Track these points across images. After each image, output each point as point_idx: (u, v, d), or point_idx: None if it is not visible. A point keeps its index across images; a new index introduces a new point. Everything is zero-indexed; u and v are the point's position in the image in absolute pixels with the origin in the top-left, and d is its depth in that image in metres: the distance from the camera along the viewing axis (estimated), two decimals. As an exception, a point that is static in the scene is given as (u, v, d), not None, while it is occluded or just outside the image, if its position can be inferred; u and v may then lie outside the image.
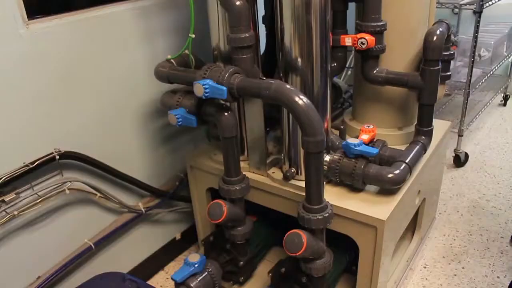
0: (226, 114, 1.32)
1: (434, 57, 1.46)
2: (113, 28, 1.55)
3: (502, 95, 3.45)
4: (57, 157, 1.43)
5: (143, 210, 1.76)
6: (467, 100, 2.51)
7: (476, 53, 2.66)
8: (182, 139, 1.90)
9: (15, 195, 1.36)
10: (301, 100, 1.16)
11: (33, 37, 1.35)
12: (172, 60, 1.46)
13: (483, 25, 2.46)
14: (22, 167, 1.36)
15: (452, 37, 1.68)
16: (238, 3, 1.26)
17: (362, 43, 1.44)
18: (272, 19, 1.58)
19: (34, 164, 1.38)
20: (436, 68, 1.47)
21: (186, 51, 1.45)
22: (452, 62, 1.75)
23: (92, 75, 1.52)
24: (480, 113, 2.96)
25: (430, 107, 1.55)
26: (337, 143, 1.54)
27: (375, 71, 1.53)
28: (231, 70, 1.26)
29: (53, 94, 1.42)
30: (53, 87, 1.41)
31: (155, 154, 1.81)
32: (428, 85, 1.49)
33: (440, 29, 1.48)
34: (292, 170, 1.49)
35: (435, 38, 1.46)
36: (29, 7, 1.33)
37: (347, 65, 1.82)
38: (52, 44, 1.39)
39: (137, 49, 1.63)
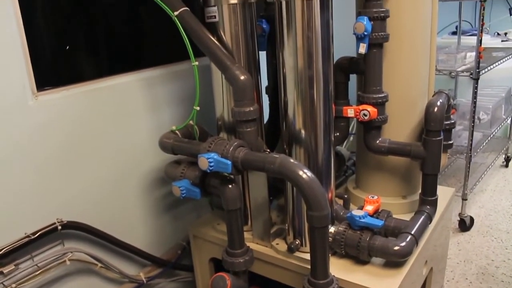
0: (230, 186, 1.32)
1: (436, 128, 1.48)
2: (119, 99, 1.58)
3: (504, 156, 3.47)
4: (59, 227, 1.42)
5: (144, 280, 1.72)
6: (469, 164, 2.52)
7: (476, 117, 2.70)
8: (185, 207, 1.89)
9: (14, 267, 1.34)
10: (306, 174, 1.16)
11: (40, 108, 1.37)
12: (176, 131, 1.48)
13: (480, 88, 2.52)
14: (23, 238, 1.35)
15: (451, 101, 1.72)
16: (242, 77, 1.29)
17: (365, 115, 1.47)
18: (275, 90, 1.62)
19: (36, 235, 1.37)
20: (438, 138, 1.48)
21: (191, 122, 1.47)
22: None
23: (97, 145, 1.54)
24: (483, 176, 2.96)
25: (433, 176, 1.55)
26: (341, 213, 1.53)
27: (377, 141, 1.55)
28: (236, 143, 1.27)
29: (58, 164, 1.43)
30: (57, 157, 1.43)
31: (157, 222, 1.80)
32: (430, 155, 1.50)
33: (440, 100, 1.51)
34: (297, 242, 1.47)
35: (436, 109, 1.48)
36: (39, 79, 1.37)
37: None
38: (59, 115, 1.42)
39: (142, 118, 1.66)
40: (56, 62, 1.46)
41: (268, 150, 1.38)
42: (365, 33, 1.38)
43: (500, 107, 3.06)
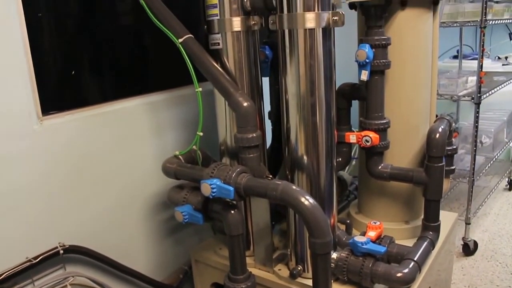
0: (232, 212, 1.32)
1: (438, 154, 1.48)
2: (123, 123, 1.60)
3: (507, 179, 3.46)
4: (61, 251, 1.42)
5: (145, 305, 1.71)
6: (472, 188, 2.52)
7: (478, 140, 2.71)
8: (187, 231, 1.89)
9: (15, 291, 1.34)
10: (308, 201, 1.16)
11: (45, 133, 1.39)
12: (179, 156, 1.49)
13: (482, 112, 2.53)
14: (25, 262, 1.35)
15: (453, 125, 1.72)
16: (245, 104, 1.31)
17: (367, 141, 1.48)
18: (278, 115, 1.63)
19: (37, 260, 1.37)
20: (440, 164, 1.49)
21: (194, 147, 1.48)
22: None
23: (101, 169, 1.55)
24: (486, 199, 2.94)
25: (436, 202, 1.55)
26: (343, 239, 1.52)
27: (380, 167, 1.55)
28: (238, 169, 1.28)
29: (61, 188, 1.44)
30: (61, 181, 1.43)
31: (159, 246, 1.79)
32: (433, 181, 1.50)
33: (442, 126, 1.52)
34: (299, 268, 1.46)
35: (437, 135, 1.49)
36: (44, 103, 1.39)
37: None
38: (63, 139, 1.43)
39: (146, 142, 1.67)
40: (62, 86, 1.48)
41: (271, 176, 1.38)
42: (367, 60, 1.40)
43: (502, 131, 3.06)
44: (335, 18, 1.23)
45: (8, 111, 1.29)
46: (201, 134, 1.41)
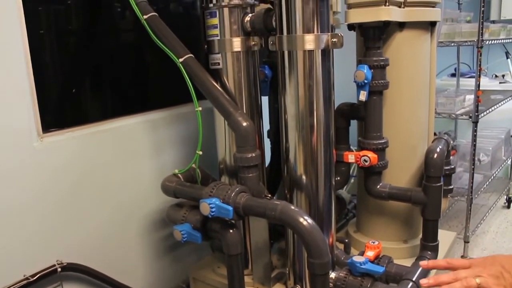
0: (231, 231, 1.33)
1: (436, 174, 1.49)
2: (123, 141, 1.60)
3: (505, 197, 3.46)
4: (59, 269, 1.41)
5: (142, 323, 1.70)
6: (470, 206, 2.52)
7: (476, 158, 2.72)
8: (185, 249, 1.88)
9: (11, 310, 1.33)
10: (306, 221, 1.17)
11: (45, 150, 1.39)
12: (179, 175, 1.49)
13: (480, 130, 2.55)
14: (22, 280, 1.34)
15: (451, 142, 1.73)
16: (245, 124, 1.32)
17: (365, 161, 1.49)
18: (277, 134, 1.64)
19: (35, 277, 1.36)
20: (438, 184, 1.50)
21: (193, 165, 1.49)
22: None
23: (100, 187, 1.55)
24: (484, 217, 2.95)
25: (434, 222, 1.55)
26: (342, 258, 1.52)
27: (378, 186, 1.56)
28: (237, 189, 1.28)
29: (60, 205, 1.43)
30: (60, 198, 1.43)
31: (158, 264, 1.78)
32: (431, 201, 1.50)
33: (440, 146, 1.54)
34: (297, 287, 1.46)
35: (435, 155, 1.50)
36: (44, 120, 1.40)
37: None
38: (63, 157, 1.43)
39: (145, 160, 1.68)
40: (62, 104, 1.49)
41: (269, 195, 1.39)
42: (366, 81, 1.41)
43: (500, 149, 3.07)
44: (334, 40, 1.25)
45: (9, 128, 1.30)
46: (201, 153, 1.42)
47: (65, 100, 1.50)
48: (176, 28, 1.43)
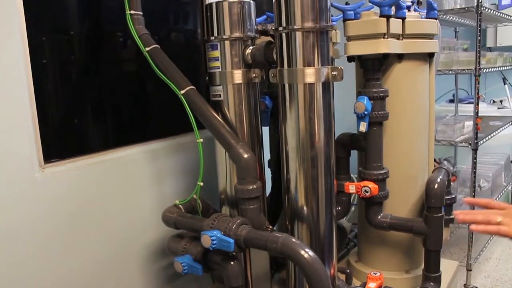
0: (232, 263, 1.32)
1: (437, 204, 1.49)
2: (124, 171, 1.60)
3: (507, 223, 3.44)
4: (56, 301, 1.40)
5: None
6: (472, 233, 2.51)
7: (476, 185, 2.72)
8: (185, 279, 1.86)
9: None
10: (307, 254, 1.16)
11: (46, 181, 1.39)
12: (180, 205, 1.49)
13: (479, 156, 2.55)
14: (18, 310, 1.32)
15: (451, 168, 1.73)
16: (246, 156, 1.32)
17: (366, 191, 1.49)
18: (277, 164, 1.65)
19: (31, 310, 1.35)
20: (440, 215, 1.50)
21: (194, 196, 1.48)
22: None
23: (100, 216, 1.54)
24: (487, 244, 2.93)
25: (436, 252, 1.54)
26: (344, 290, 1.51)
27: (379, 217, 1.56)
28: (239, 221, 1.28)
29: (59, 236, 1.42)
30: (60, 229, 1.42)
31: (157, 294, 1.77)
32: (432, 231, 1.50)
33: (440, 176, 1.54)
34: (299, 321, 1.44)
35: (436, 186, 1.50)
36: (46, 151, 1.40)
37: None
38: (64, 187, 1.43)
39: (146, 190, 1.67)
40: (64, 134, 1.49)
41: (270, 227, 1.39)
42: (365, 112, 1.43)
43: (500, 175, 3.08)
44: (334, 73, 1.27)
45: (10, 158, 1.29)
46: (202, 184, 1.42)
47: (66, 130, 1.50)
48: (178, 57, 1.45)
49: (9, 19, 1.27)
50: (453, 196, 1.72)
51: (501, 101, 3.90)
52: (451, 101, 3.61)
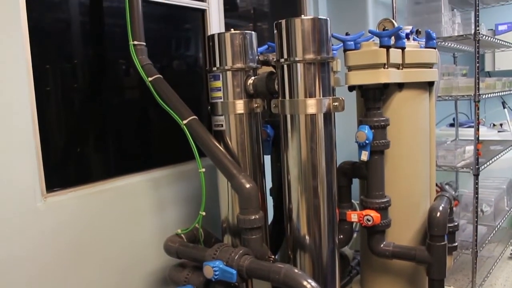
0: (234, 294, 1.31)
1: (440, 233, 1.48)
2: (125, 199, 1.60)
3: (511, 248, 3.41)
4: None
5: None
6: (476, 259, 2.48)
7: (479, 209, 2.70)
8: (186, 308, 1.84)
9: None
10: (310, 285, 1.16)
11: (48, 210, 1.39)
12: (182, 235, 1.49)
13: (481, 180, 2.54)
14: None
15: (453, 192, 1.73)
16: (248, 186, 1.33)
17: (368, 220, 1.48)
18: (279, 191, 1.65)
19: None
20: (443, 243, 1.49)
21: (197, 225, 1.48)
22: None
23: (101, 245, 1.54)
24: (491, 270, 2.89)
25: (440, 281, 1.53)
26: (347, 320, 1.49)
27: (382, 245, 1.55)
28: (241, 251, 1.28)
29: (60, 265, 1.42)
30: (62, 257, 1.42)
31: (158, 324, 1.74)
32: (436, 260, 1.49)
33: (442, 205, 1.54)
34: None
35: (438, 214, 1.50)
36: (48, 180, 1.40)
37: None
38: (65, 216, 1.43)
39: (148, 218, 1.67)
40: (66, 163, 1.50)
41: (273, 257, 1.38)
42: (367, 141, 1.43)
43: (502, 199, 3.06)
44: (335, 103, 1.28)
45: (13, 188, 1.30)
46: (204, 213, 1.42)
47: (69, 160, 1.51)
48: (180, 86, 1.47)
49: (14, 49, 1.29)
50: (456, 223, 1.71)
51: (501, 125, 3.90)
52: (452, 125, 3.62)
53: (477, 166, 2.39)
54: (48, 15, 1.45)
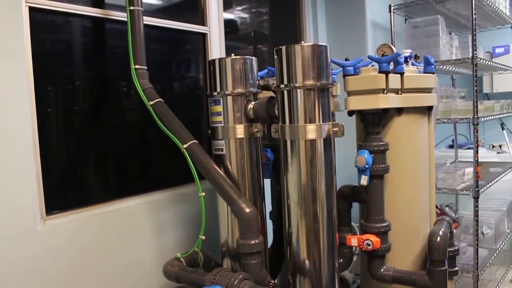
0: (233, 320, 1.29)
1: (440, 258, 1.48)
2: (125, 222, 1.60)
3: (512, 270, 3.39)
4: None
5: None
6: (477, 283, 2.46)
7: (479, 231, 2.69)
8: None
9: None
10: (311, 312, 1.15)
11: (48, 233, 1.39)
12: (181, 258, 1.48)
13: (481, 202, 2.54)
14: None
15: (453, 214, 1.72)
16: (248, 211, 1.33)
17: (368, 245, 1.48)
18: (279, 215, 1.64)
19: None
20: (443, 268, 1.48)
21: (196, 249, 1.48)
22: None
23: (100, 268, 1.53)
24: (492, 294, 2.87)
25: (441, 307, 1.52)
26: None
27: (382, 270, 1.54)
28: (241, 276, 1.27)
29: (59, 286, 1.41)
30: (59, 281, 1.41)
31: None
32: (436, 285, 1.48)
33: (443, 229, 1.53)
34: None
35: (438, 239, 1.50)
36: (48, 203, 1.41)
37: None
38: (65, 238, 1.43)
39: (146, 241, 1.66)
40: (66, 186, 1.51)
41: (272, 282, 1.37)
42: (366, 166, 1.44)
43: (503, 221, 3.05)
44: (335, 129, 1.29)
45: (13, 210, 1.31)
46: (204, 237, 1.42)
47: (69, 182, 1.51)
48: (181, 108, 1.48)
49: (18, 72, 1.31)
50: (456, 247, 1.71)
51: (500, 146, 3.91)
52: (451, 146, 3.63)
53: (477, 189, 2.39)
54: (51, 37, 1.47)
